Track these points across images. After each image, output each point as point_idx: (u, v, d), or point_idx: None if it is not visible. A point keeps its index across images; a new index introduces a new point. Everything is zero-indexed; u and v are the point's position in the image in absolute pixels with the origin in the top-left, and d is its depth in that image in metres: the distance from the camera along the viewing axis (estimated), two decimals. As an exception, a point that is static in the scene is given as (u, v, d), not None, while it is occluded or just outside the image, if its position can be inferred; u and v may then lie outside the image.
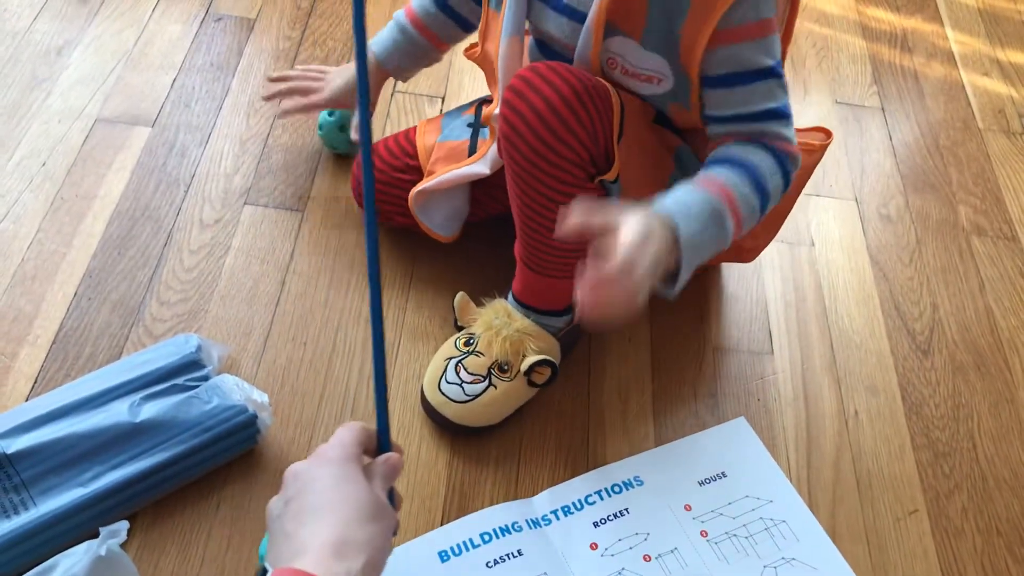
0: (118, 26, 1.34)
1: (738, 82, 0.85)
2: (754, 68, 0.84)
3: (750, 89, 0.85)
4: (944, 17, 1.61)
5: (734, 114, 0.86)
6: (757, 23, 0.83)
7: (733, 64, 0.84)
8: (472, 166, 1.01)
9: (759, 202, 0.85)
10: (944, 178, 1.35)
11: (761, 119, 0.86)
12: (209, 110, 1.26)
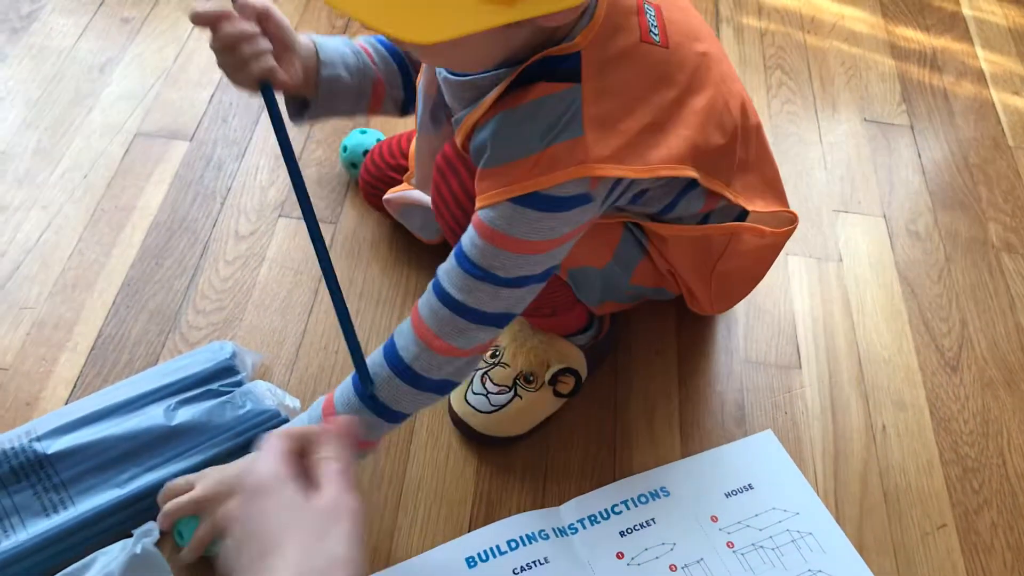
0: (158, 44, 1.38)
1: (457, 259, 0.78)
2: (476, 262, 0.77)
3: (459, 273, 0.77)
4: (974, 36, 1.61)
5: (437, 277, 0.80)
6: (503, 234, 0.74)
7: (466, 242, 0.78)
8: (413, 191, 1.03)
9: (405, 383, 0.81)
10: (974, 196, 1.35)
11: (445, 302, 0.78)
12: (245, 125, 1.29)
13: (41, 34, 1.37)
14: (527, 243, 0.75)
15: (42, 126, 1.24)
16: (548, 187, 0.73)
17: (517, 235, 0.74)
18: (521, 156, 0.73)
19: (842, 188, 1.33)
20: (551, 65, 0.74)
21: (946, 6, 1.67)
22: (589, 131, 0.73)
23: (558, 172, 0.73)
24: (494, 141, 0.75)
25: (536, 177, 0.73)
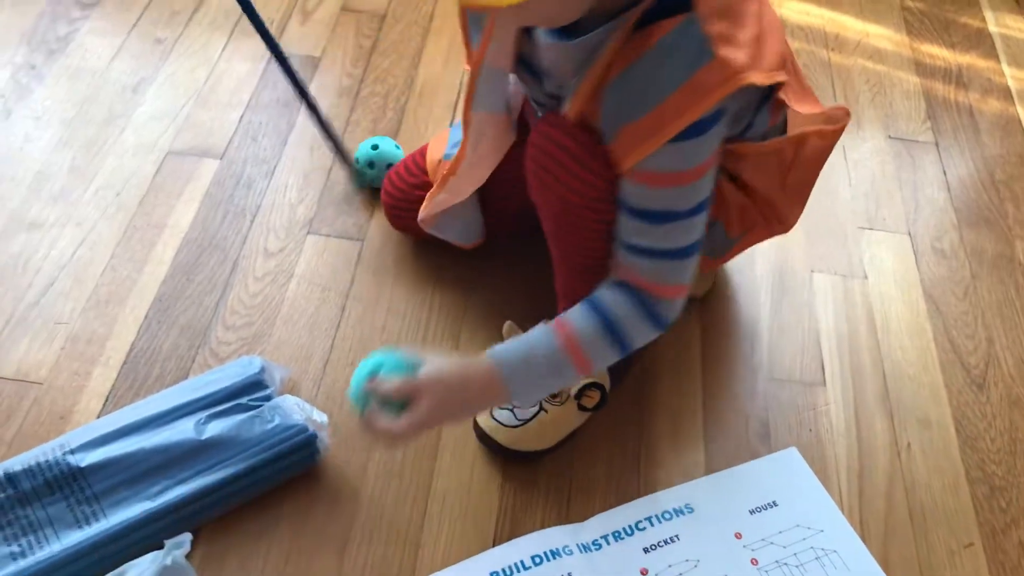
0: (190, 65, 1.41)
1: (639, 217, 0.82)
2: (658, 211, 0.81)
3: (647, 228, 0.82)
4: (1001, 53, 1.61)
5: (628, 242, 0.84)
6: (670, 173, 0.79)
7: (639, 200, 0.82)
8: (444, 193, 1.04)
9: (613, 347, 0.86)
10: (1000, 213, 1.34)
11: (651, 256, 0.83)
12: (275, 144, 1.31)
13: (76, 55, 1.40)
14: (691, 172, 0.79)
15: (77, 145, 1.27)
16: (701, 114, 0.75)
17: (683, 168, 0.78)
18: (667, 95, 0.75)
19: (867, 205, 1.33)
20: (658, 3, 0.76)
21: (972, 23, 1.67)
22: (719, 50, 0.75)
23: (709, 96, 0.75)
24: (632, 95, 0.77)
25: (690, 109, 0.75)
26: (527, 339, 0.85)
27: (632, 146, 0.78)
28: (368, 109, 1.38)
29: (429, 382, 0.83)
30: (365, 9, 1.55)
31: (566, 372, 0.85)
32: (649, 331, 0.87)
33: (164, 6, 1.49)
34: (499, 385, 0.83)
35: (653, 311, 0.85)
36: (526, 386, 0.84)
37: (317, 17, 1.52)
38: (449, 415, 0.85)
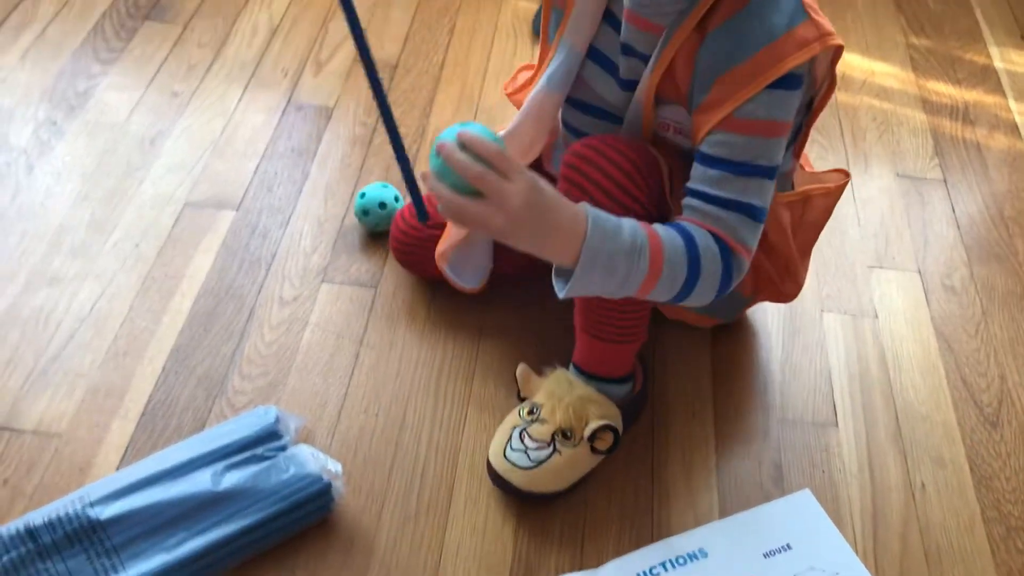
0: (206, 117, 1.44)
1: (723, 167, 0.85)
2: (743, 161, 0.85)
3: (730, 178, 0.85)
4: (1007, 89, 1.62)
5: (706, 192, 0.86)
6: (763, 122, 0.84)
7: (725, 150, 0.85)
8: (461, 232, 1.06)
9: (687, 273, 0.84)
10: (1010, 249, 1.34)
11: (728, 207, 0.86)
12: (290, 193, 1.33)
13: (96, 110, 1.43)
14: (779, 124, 0.84)
15: (96, 198, 1.30)
16: (799, 62, 0.82)
17: (775, 118, 0.83)
18: (770, 42, 0.81)
19: (876, 244, 1.33)
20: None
21: (977, 59, 1.68)
22: (810, 14, 0.83)
23: (806, 48, 0.82)
24: (733, 42, 0.82)
25: (790, 56, 0.81)
26: (616, 217, 0.83)
27: (733, 91, 0.83)
28: (381, 158, 1.40)
29: (528, 176, 0.78)
30: (378, 59, 1.57)
31: (639, 264, 0.82)
32: (718, 274, 0.85)
33: (181, 60, 1.53)
34: (580, 233, 0.79)
35: (727, 258, 0.85)
36: (599, 254, 0.80)
37: (331, 68, 1.55)
38: (525, 220, 0.77)
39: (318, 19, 1.64)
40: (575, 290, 0.82)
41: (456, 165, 0.77)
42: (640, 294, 0.84)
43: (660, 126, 0.94)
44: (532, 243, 0.80)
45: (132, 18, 1.60)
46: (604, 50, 0.96)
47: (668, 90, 0.90)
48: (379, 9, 1.68)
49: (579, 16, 0.94)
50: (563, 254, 0.81)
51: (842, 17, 1.74)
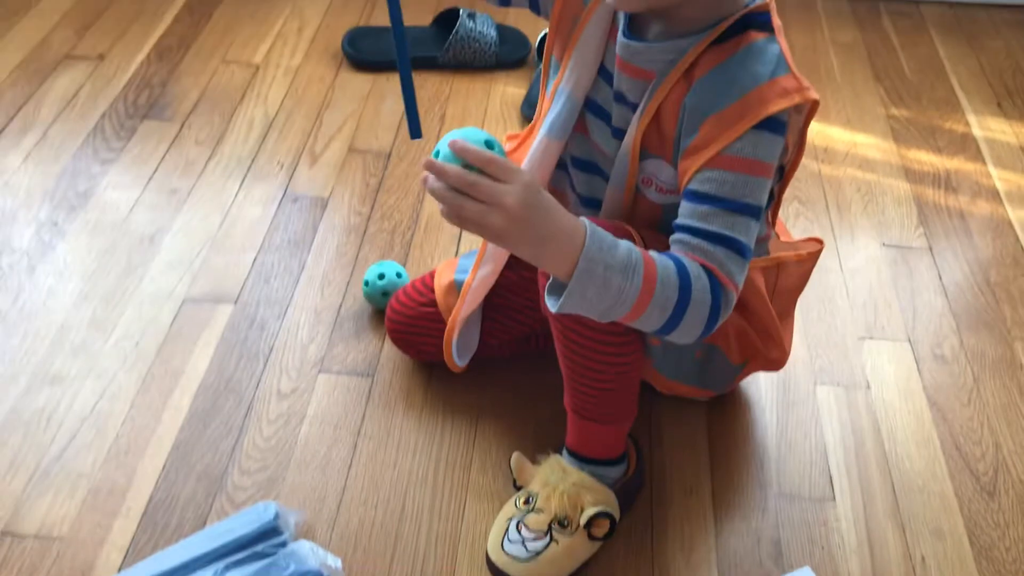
0: (204, 212, 1.47)
1: (711, 203, 0.87)
2: (730, 198, 0.87)
3: (718, 213, 0.87)
4: (986, 156, 1.65)
5: (694, 226, 0.88)
6: (750, 160, 0.86)
7: (714, 187, 0.87)
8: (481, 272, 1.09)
9: (677, 297, 0.83)
10: (998, 315, 1.36)
11: (715, 241, 0.87)
12: (286, 285, 1.36)
13: (96, 209, 1.47)
14: (764, 164, 0.87)
15: (97, 297, 1.32)
16: (782, 108, 0.86)
17: (760, 157, 0.86)
18: (755, 87, 0.86)
19: (865, 314, 1.35)
20: (750, 19, 0.89)
21: (956, 128, 1.72)
22: (791, 68, 0.88)
23: (788, 96, 0.86)
24: (721, 86, 0.87)
25: (773, 101, 0.86)
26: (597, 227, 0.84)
27: (720, 131, 0.86)
28: (376, 245, 1.43)
29: (525, 176, 0.78)
30: (371, 149, 1.62)
31: (634, 280, 0.82)
32: (707, 304, 0.85)
33: (180, 157, 1.57)
34: (578, 240, 0.80)
35: (716, 289, 0.86)
36: (596, 264, 0.81)
37: (325, 159, 1.59)
38: (523, 220, 0.77)
39: (312, 111, 1.69)
40: (569, 304, 0.82)
41: (449, 179, 0.78)
42: (632, 316, 0.84)
43: (643, 181, 0.97)
44: (531, 246, 0.80)
45: (131, 117, 1.65)
46: (599, 101, 0.99)
47: (654, 140, 0.93)
48: (371, 100, 1.72)
49: (576, 66, 0.98)
50: (561, 262, 0.81)
51: (822, 90, 1.78)
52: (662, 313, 0.84)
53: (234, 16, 1.93)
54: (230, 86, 1.74)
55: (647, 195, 0.97)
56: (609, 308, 0.83)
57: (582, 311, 0.84)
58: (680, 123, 0.90)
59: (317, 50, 1.84)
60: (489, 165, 0.78)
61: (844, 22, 1.99)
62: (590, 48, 0.97)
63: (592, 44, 0.97)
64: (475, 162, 0.78)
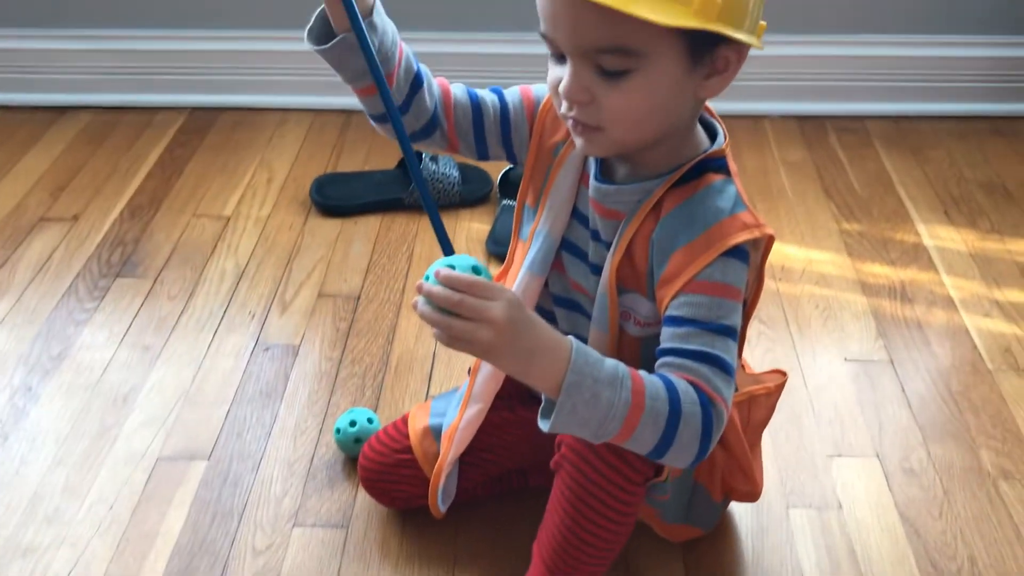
0: (177, 367, 1.49)
1: (690, 325, 0.90)
2: (707, 319, 0.90)
3: (697, 333, 0.89)
4: (938, 265, 1.71)
5: (676, 347, 0.90)
6: (721, 284, 0.90)
7: (691, 310, 0.90)
8: (469, 412, 1.11)
9: (668, 411, 0.85)
10: (962, 424, 1.38)
11: (699, 359, 0.89)
12: (259, 437, 1.37)
13: (70, 371, 1.48)
14: (735, 289, 0.91)
15: (70, 462, 1.33)
16: (745, 239, 0.91)
17: (730, 282, 0.90)
18: (718, 220, 0.91)
19: (832, 432, 1.37)
20: (709, 163, 0.95)
21: (907, 238, 1.78)
22: (748, 206, 0.94)
23: (749, 230, 0.92)
24: (686, 220, 0.92)
25: (737, 233, 0.91)
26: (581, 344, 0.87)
27: (690, 260, 0.90)
28: (347, 390, 1.45)
29: (509, 294, 0.82)
30: (340, 293, 1.65)
31: (622, 394, 0.83)
32: (698, 418, 0.86)
33: (152, 314, 1.60)
34: (564, 355, 0.83)
35: (705, 404, 0.86)
36: (584, 378, 0.82)
37: (295, 306, 1.62)
38: (510, 334, 0.81)
39: (282, 259, 1.73)
40: (560, 420, 0.84)
41: (436, 300, 0.82)
42: (625, 432, 0.85)
43: (623, 315, 1.00)
44: (518, 360, 0.83)
45: (104, 276, 1.68)
46: (574, 240, 1.04)
47: (628, 275, 0.97)
48: (340, 244, 1.77)
49: (552, 210, 1.03)
50: (548, 375, 0.83)
51: (775, 209, 1.84)
52: (655, 428, 0.85)
53: (205, 170, 1.99)
54: (201, 239, 1.78)
55: (627, 329, 1.00)
56: (600, 424, 0.84)
57: (575, 429, 0.85)
58: (650, 258, 0.94)
59: (286, 199, 1.90)
60: (472, 288, 0.82)
61: (792, 141, 2.08)
62: (563, 192, 1.02)
63: (565, 188, 1.02)
64: (459, 288, 0.82)
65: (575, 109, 0.89)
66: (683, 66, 0.87)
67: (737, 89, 0.90)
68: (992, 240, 1.76)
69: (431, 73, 1.02)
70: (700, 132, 0.97)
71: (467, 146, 1.05)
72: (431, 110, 1.01)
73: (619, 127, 0.89)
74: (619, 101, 0.87)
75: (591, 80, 0.87)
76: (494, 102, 1.04)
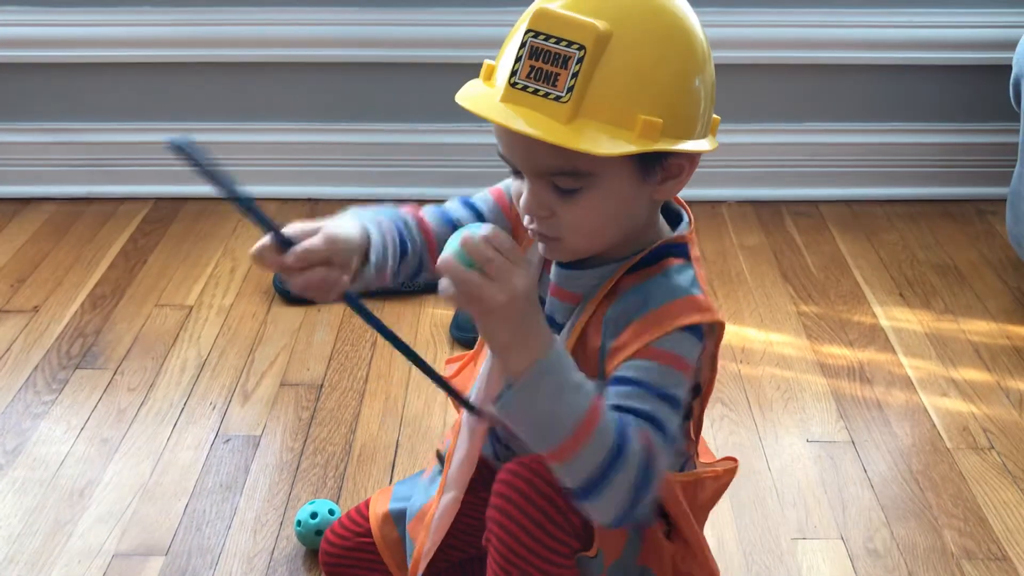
0: (135, 460, 1.47)
1: (637, 386, 0.90)
2: (656, 384, 0.90)
3: (642, 395, 0.89)
4: (895, 345, 1.73)
5: (620, 404, 0.89)
6: (674, 355, 0.91)
7: (641, 373, 0.90)
8: (444, 500, 1.09)
9: (612, 445, 0.84)
10: (924, 504, 1.39)
11: (643, 417, 0.89)
12: (218, 531, 1.34)
13: (25, 466, 1.45)
14: (687, 362, 0.92)
15: (23, 561, 1.29)
16: (702, 319, 0.92)
17: (684, 355, 0.91)
18: (672, 299, 0.93)
19: (796, 514, 1.37)
20: (670, 248, 0.96)
21: (864, 320, 1.81)
22: (704, 288, 0.96)
23: (705, 311, 0.93)
24: (644, 296, 0.93)
25: (694, 312, 0.92)
26: None
27: (645, 329, 0.91)
28: (309, 482, 1.43)
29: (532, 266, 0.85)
30: (303, 382, 1.65)
31: (581, 401, 0.84)
32: (636, 466, 0.85)
33: (111, 406, 1.58)
34: (547, 347, 0.84)
35: (648, 454, 0.87)
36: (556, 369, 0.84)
37: (257, 396, 1.61)
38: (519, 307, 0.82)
39: (244, 348, 1.73)
40: (519, 399, 0.84)
41: (471, 250, 0.81)
42: (569, 445, 0.84)
43: None
44: (511, 334, 0.83)
45: (64, 368, 1.67)
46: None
47: (579, 357, 0.96)
48: (303, 332, 1.77)
49: None
50: (526, 357, 0.84)
51: (734, 293, 1.87)
52: (597, 454, 0.84)
53: (168, 260, 1.99)
54: (163, 329, 1.78)
55: None
56: (552, 422, 0.84)
57: (525, 417, 0.85)
58: (603, 336, 0.95)
59: (249, 288, 1.90)
60: (510, 252, 0.83)
61: (749, 226, 2.12)
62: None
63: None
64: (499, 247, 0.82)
65: (535, 222, 0.93)
66: (634, 180, 0.90)
67: (696, 176, 0.92)
68: (946, 320, 1.80)
69: (404, 216, 1.03)
70: (661, 221, 1.00)
71: None
72: (417, 262, 1.03)
73: (577, 237, 0.93)
74: (576, 215, 0.90)
75: (548, 197, 0.90)
76: (469, 217, 1.05)
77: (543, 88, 0.85)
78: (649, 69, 0.87)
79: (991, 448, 1.49)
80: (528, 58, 0.85)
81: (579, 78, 0.84)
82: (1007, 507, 1.39)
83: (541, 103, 0.85)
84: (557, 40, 0.85)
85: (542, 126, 0.84)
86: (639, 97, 0.86)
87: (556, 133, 0.84)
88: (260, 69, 2.16)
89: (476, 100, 0.89)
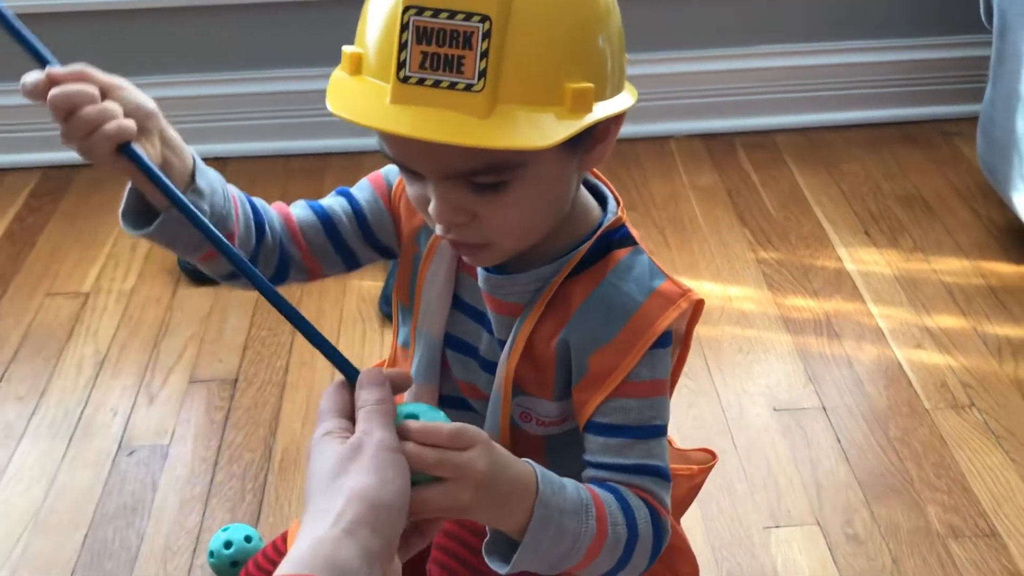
0: (24, 485, 1.30)
1: (623, 434, 0.81)
2: (640, 424, 0.81)
3: (632, 443, 0.81)
4: (863, 292, 1.60)
5: (611, 462, 0.81)
6: (649, 382, 0.81)
7: (622, 416, 0.81)
8: None
9: (627, 535, 0.77)
10: (904, 476, 1.27)
11: (639, 472, 0.81)
12: (123, 564, 1.19)
13: None
14: (663, 382, 0.81)
15: None
16: (671, 321, 0.79)
17: (659, 376, 0.81)
18: (635, 310, 0.79)
19: (768, 498, 1.25)
20: (610, 238, 0.81)
21: (829, 264, 1.67)
22: (666, 274, 0.82)
23: (674, 304, 0.80)
24: (602, 314, 0.79)
25: (661, 315, 0.79)
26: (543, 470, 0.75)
27: (615, 361, 0.79)
28: (225, 497, 1.27)
29: (482, 434, 0.68)
30: (215, 376, 1.48)
31: (588, 524, 0.74)
32: (650, 535, 0.78)
33: (-5, 421, 1.40)
34: (532, 487, 0.71)
35: (655, 518, 0.79)
36: (551, 510, 0.72)
37: (164, 397, 1.44)
38: (490, 485, 0.68)
39: (148, 340, 1.54)
40: (523, 559, 0.72)
41: (413, 463, 0.66)
42: (584, 563, 0.75)
43: (522, 416, 0.87)
44: (495, 508, 0.71)
45: (-60, 378, 1.48)
46: (459, 335, 0.89)
47: (529, 378, 0.84)
48: (213, 318, 1.59)
49: (429, 305, 0.89)
50: (517, 516, 0.72)
51: (688, 243, 1.72)
52: (612, 555, 0.77)
53: (60, 241, 1.78)
54: (56, 323, 1.58)
55: (527, 429, 0.88)
56: (562, 557, 0.74)
57: (534, 566, 0.74)
58: (559, 359, 0.82)
59: (152, 268, 1.70)
60: (449, 442, 0.67)
61: (701, 163, 1.96)
62: (439, 285, 0.88)
63: (440, 279, 0.88)
64: (436, 443, 0.67)
65: (453, 231, 0.75)
66: (563, 156, 0.74)
67: (640, 110, 0.77)
68: (916, 260, 1.67)
69: (266, 205, 0.86)
70: (586, 195, 0.84)
71: (331, 264, 0.90)
72: (278, 249, 0.86)
73: (509, 239, 0.76)
74: (503, 215, 0.73)
75: (465, 199, 0.72)
76: (344, 206, 0.88)
77: (446, 78, 0.66)
78: (565, 26, 0.69)
79: (972, 405, 1.38)
80: (416, 43, 0.66)
81: (490, 57, 0.66)
82: (992, 473, 1.27)
83: (447, 96, 0.67)
84: (450, 14, 0.65)
85: (458, 128, 0.66)
86: (562, 63, 0.69)
87: (478, 133, 0.66)
88: (146, 16, 1.92)
89: (358, 106, 0.69)
